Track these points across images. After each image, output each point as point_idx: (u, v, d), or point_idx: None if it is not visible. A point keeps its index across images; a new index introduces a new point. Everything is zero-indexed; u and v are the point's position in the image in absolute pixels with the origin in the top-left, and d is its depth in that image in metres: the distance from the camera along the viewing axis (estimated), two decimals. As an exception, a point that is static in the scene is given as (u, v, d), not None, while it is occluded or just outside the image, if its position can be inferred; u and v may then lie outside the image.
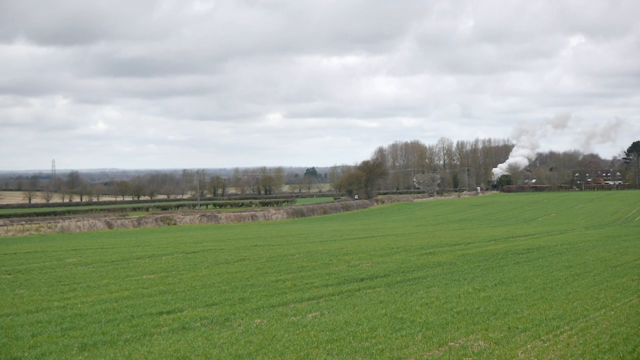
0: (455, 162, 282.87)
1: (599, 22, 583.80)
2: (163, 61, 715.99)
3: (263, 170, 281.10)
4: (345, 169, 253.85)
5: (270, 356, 17.69)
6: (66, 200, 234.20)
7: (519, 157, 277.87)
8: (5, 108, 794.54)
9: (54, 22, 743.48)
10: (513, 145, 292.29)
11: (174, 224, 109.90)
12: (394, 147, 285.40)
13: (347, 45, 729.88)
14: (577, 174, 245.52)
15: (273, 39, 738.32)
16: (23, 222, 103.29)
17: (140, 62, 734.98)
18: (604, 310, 23.31)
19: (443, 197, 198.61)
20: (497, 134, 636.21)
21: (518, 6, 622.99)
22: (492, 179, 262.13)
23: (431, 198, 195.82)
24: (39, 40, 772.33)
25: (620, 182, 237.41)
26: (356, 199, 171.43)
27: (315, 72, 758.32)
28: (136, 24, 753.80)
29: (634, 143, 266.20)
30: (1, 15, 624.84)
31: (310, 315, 23.01)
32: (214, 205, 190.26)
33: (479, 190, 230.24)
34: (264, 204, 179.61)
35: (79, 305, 25.80)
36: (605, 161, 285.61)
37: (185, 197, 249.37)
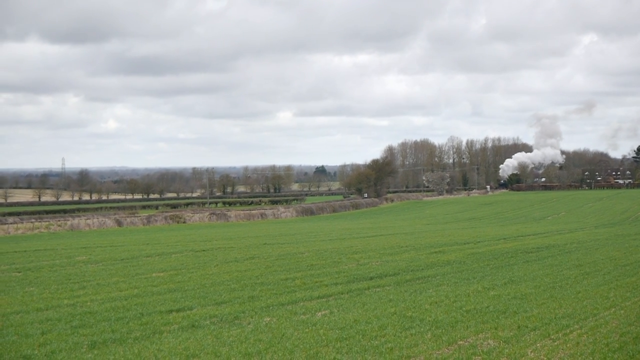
0: (464, 160, 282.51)
1: (611, 20, 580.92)
2: (175, 59, 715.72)
3: (273, 168, 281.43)
4: (355, 167, 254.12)
5: (280, 354, 17.69)
6: (76, 198, 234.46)
7: (548, 149, 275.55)
8: (16, 106, 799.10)
9: (66, 21, 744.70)
10: (522, 144, 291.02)
11: (184, 222, 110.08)
12: (404, 145, 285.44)
13: (359, 44, 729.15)
14: (586, 173, 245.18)
15: (285, 37, 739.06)
16: (33, 220, 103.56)
17: (152, 60, 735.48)
18: (613, 309, 23.27)
19: (452, 196, 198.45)
20: (508, 133, 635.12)
21: (531, 4, 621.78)
22: (500, 175, 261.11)
23: (440, 197, 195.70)
24: (51, 38, 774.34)
25: (630, 180, 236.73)
26: (365, 198, 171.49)
27: (327, 70, 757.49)
28: (148, 22, 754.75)
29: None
30: (14, 14, 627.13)
31: (320, 313, 23.00)
32: (224, 203, 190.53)
33: (488, 189, 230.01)
34: (274, 202, 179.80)
35: (89, 303, 25.84)
36: (615, 160, 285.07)
37: (194, 195, 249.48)
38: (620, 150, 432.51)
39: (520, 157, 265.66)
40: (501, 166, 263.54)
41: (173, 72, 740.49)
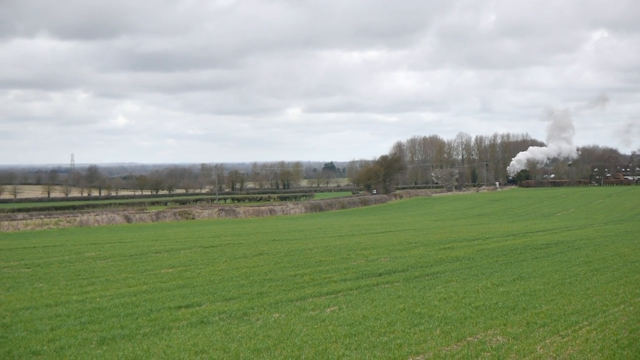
0: (473, 157, 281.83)
1: (621, 16, 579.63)
2: (184, 56, 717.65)
3: (281, 164, 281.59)
4: (364, 163, 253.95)
5: (289, 350, 17.70)
6: (85, 194, 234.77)
7: (563, 143, 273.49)
8: (26, 102, 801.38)
9: (76, 17, 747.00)
10: (531, 140, 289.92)
11: (192, 218, 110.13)
12: (413, 141, 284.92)
13: (369, 40, 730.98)
14: (596, 169, 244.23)
15: (295, 34, 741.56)
16: (42, 216, 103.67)
17: (162, 56, 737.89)
18: (623, 305, 23.21)
19: (461, 192, 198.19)
20: (517, 129, 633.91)
21: (541, 0, 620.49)
22: (508, 170, 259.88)
23: (449, 193, 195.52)
24: (61, 34, 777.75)
25: (639, 177, 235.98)
26: (374, 194, 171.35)
27: (336, 66, 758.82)
28: (158, 18, 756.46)
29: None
30: (24, 10, 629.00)
31: (329, 309, 23.01)
32: (232, 199, 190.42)
33: (497, 185, 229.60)
34: (282, 199, 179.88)
35: (98, 299, 25.90)
36: (624, 156, 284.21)
37: (203, 191, 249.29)
38: (633, 145, 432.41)
39: (534, 150, 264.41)
40: (513, 159, 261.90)
41: (182, 68, 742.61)
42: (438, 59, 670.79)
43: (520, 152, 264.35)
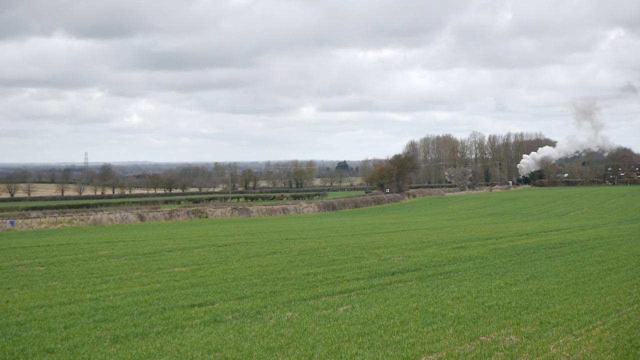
0: (487, 156, 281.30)
1: (638, 15, 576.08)
2: (199, 54, 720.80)
3: (295, 163, 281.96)
4: (377, 162, 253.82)
5: (302, 349, 17.69)
6: (99, 192, 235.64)
7: (593, 134, 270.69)
8: (41, 101, 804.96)
9: (93, 16, 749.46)
10: (545, 139, 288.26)
11: (206, 217, 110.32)
12: (426, 140, 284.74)
13: (384, 39, 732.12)
14: (609, 168, 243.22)
15: (310, 33, 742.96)
16: (56, 214, 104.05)
17: (177, 55, 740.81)
18: (636, 305, 23.10)
19: (475, 191, 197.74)
20: (531, 128, 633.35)
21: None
22: (519, 169, 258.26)
23: (463, 192, 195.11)
24: (77, 33, 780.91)
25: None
26: (387, 193, 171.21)
27: (351, 65, 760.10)
28: (174, 17, 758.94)
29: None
30: (40, 8, 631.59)
31: (342, 308, 22.99)
32: (246, 198, 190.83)
33: (510, 185, 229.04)
34: (296, 198, 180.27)
35: (111, 298, 25.96)
36: (638, 155, 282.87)
37: (216, 190, 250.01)
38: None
39: (571, 137, 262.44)
40: (527, 156, 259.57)
41: (197, 67, 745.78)
42: (453, 57, 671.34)
43: (559, 140, 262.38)
